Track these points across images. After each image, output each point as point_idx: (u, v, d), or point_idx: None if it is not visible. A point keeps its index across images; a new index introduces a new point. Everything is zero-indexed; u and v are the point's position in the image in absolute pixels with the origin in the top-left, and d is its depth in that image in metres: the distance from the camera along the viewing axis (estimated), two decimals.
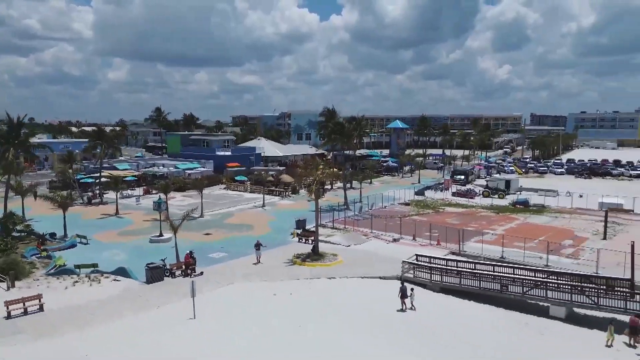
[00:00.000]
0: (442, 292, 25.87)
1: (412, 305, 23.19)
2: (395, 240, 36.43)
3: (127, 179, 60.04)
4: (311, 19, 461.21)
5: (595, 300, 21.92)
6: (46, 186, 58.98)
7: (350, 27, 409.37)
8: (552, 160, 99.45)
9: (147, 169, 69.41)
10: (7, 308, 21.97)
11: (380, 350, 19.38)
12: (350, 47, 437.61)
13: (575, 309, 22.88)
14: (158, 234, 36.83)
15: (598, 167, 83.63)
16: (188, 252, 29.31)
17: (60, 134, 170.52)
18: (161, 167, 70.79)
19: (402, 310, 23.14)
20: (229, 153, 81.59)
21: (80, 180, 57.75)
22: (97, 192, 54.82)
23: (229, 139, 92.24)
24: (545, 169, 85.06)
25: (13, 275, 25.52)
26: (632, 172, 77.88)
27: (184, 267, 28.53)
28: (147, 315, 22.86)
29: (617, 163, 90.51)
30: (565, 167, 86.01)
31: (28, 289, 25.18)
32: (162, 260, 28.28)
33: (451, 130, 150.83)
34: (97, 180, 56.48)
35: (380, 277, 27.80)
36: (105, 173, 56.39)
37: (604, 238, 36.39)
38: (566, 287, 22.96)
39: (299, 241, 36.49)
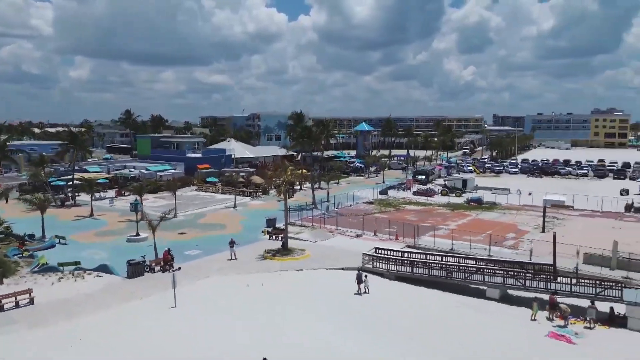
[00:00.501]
0: (397, 280, 29.23)
1: (367, 289, 26.49)
2: (358, 235, 39.72)
3: (99, 181, 61.18)
4: (279, 18, 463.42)
5: (524, 283, 25.71)
6: (16, 189, 59.48)
7: (318, 28, 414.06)
8: (508, 161, 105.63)
9: (118, 171, 70.39)
10: (0, 302, 23.87)
11: (339, 328, 22.43)
12: (319, 48, 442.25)
13: (508, 291, 26.64)
14: (135, 234, 38.80)
15: (548, 166, 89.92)
16: (166, 249, 31.65)
17: (22, 135, 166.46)
18: (132, 170, 71.88)
19: (358, 293, 26.43)
20: (199, 155, 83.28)
21: (52, 183, 58.53)
22: (70, 194, 55.84)
23: (199, 141, 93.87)
24: (501, 168, 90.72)
25: (1, 273, 27.26)
26: (579, 172, 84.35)
27: (162, 263, 30.85)
28: (131, 305, 25.17)
29: (566, 163, 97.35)
30: (519, 167, 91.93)
31: (16, 285, 26.97)
32: (142, 257, 30.54)
33: (415, 132, 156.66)
34: (69, 183, 57.50)
35: (342, 268, 30.93)
36: (77, 176, 57.46)
37: (543, 231, 40.77)
38: (500, 272, 26.70)
39: (269, 238, 39.19)
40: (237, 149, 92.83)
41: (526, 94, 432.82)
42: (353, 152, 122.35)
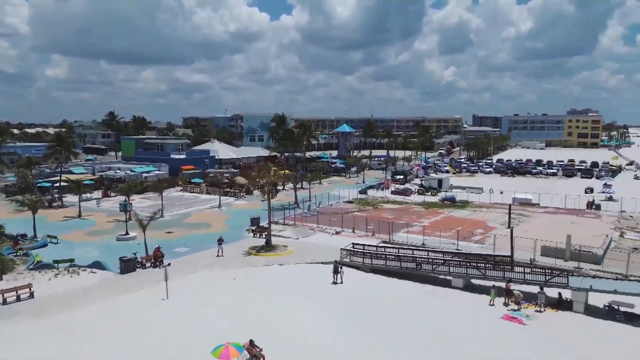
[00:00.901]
0: (372, 272, 31.76)
1: (341, 279, 29.05)
2: (337, 232, 42.21)
3: (85, 182, 62.38)
4: (261, 18, 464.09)
5: (484, 273, 28.51)
6: (2, 191, 60.41)
7: (300, 28, 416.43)
8: (484, 161, 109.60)
9: (103, 172, 71.55)
10: (3, 296, 25.63)
11: (317, 313, 24.83)
12: (301, 48, 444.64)
13: (471, 280, 29.42)
14: (124, 233, 40.58)
15: (521, 166, 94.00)
16: (156, 247, 33.64)
17: (1, 136, 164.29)
18: (117, 171, 73.08)
19: (334, 282, 28.99)
20: (183, 156, 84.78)
21: (38, 185, 59.57)
22: (57, 195, 57.02)
23: (183, 142, 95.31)
24: (476, 168, 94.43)
25: (9, 267, 28.94)
26: (549, 171, 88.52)
27: (153, 259, 32.82)
28: (125, 297, 27.13)
29: (538, 163, 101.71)
30: (494, 167, 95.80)
31: (15, 280, 28.67)
32: (133, 254, 32.47)
33: (395, 133, 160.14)
34: (54, 185, 58.66)
35: (322, 262, 33.31)
36: (63, 177, 58.62)
37: (508, 227, 43.81)
38: (464, 264, 29.46)
39: (254, 236, 41.37)
40: (220, 150, 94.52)
41: (505, 94, 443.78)
42: (335, 153, 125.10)
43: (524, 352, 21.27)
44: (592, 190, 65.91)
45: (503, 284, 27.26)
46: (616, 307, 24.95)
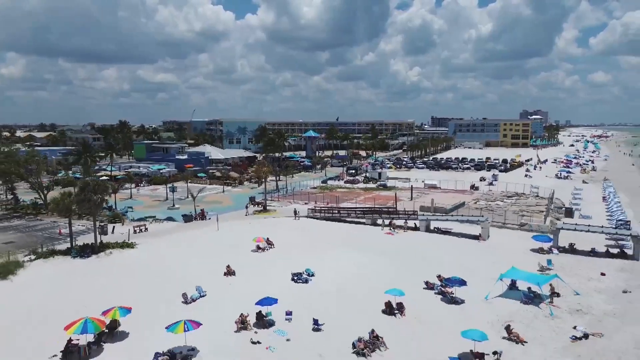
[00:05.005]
0: (323, 220, 57.49)
1: (298, 217, 54.81)
2: (306, 203, 67.82)
3: (118, 177, 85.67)
4: (226, 17, 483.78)
5: (380, 216, 54.77)
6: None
7: (266, 27, 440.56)
8: (421, 159, 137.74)
9: (130, 170, 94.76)
10: (134, 228, 50.01)
11: (295, 234, 50.25)
12: (268, 47, 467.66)
13: (377, 221, 55.58)
14: (172, 205, 65.03)
15: (444, 163, 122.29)
16: (201, 209, 58.45)
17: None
18: (139, 169, 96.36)
19: (296, 218, 54.84)
20: (186, 157, 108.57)
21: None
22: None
23: (182, 145, 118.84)
24: (412, 164, 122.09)
25: (123, 220, 53.24)
26: (464, 166, 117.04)
27: (201, 216, 57.60)
28: (191, 232, 51.80)
29: (457, 160, 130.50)
30: (426, 163, 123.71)
31: (129, 226, 52.90)
32: (190, 212, 57.20)
33: (357, 135, 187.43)
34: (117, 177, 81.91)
35: (296, 217, 58.85)
36: (106, 173, 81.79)
37: (411, 199, 70.61)
38: (372, 214, 55.67)
39: (253, 206, 66.45)
40: (212, 151, 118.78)
41: (468, 94, 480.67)
42: (303, 153, 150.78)
43: (393, 244, 47.37)
44: (484, 179, 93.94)
45: (387, 221, 53.60)
46: (439, 228, 51.63)
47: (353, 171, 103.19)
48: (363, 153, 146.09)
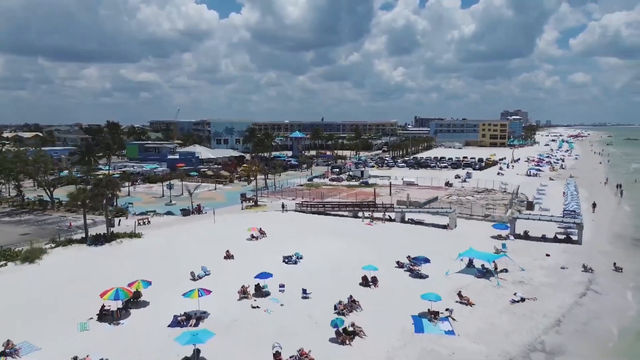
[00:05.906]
0: (310, 213, 63.33)
1: (285, 210, 60.62)
2: (293, 199, 73.59)
3: (115, 176, 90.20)
4: (210, 16, 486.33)
5: (361, 209, 60.84)
6: None
7: (250, 27, 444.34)
8: (402, 159, 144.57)
9: (124, 169, 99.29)
10: (137, 221, 55.18)
11: (285, 225, 55.98)
12: (252, 47, 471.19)
13: (358, 214, 61.62)
14: (169, 201, 70.19)
15: (423, 161, 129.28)
16: (198, 204, 63.78)
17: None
18: (133, 168, 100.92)
19: (281, 211, 60.65)
20: (177, 157, 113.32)
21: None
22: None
23: (174, 146, 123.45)
24: (394, 164, 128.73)
25: (127, 214, 58.41)
26: (441, 165, 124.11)
27: (198, 210, 62.95)
28: (190, 224, 57.15)
29: (436, 159, 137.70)
30: (406, 162, 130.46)
31: (132, 219, 58.01)
32: (187, 207, 62.51)
33: (342, 134, 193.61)
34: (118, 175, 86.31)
35: (284, 211, 64.54)
36: (107, 172, 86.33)
37: (390, 194, 76.92)
38: (354, 208, 61.73)
39: (245, 201, 71.97)
40: (202, 151, 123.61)
41: (452, 94, 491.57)
42: (290, 152, 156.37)
43: (371, 233, 53.37)
44: (458, 176, 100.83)
45: (367, 213, 59.71)
46: (413, 219, 57.93)
47: (337, 170, 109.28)
48: (347, 153, 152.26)
